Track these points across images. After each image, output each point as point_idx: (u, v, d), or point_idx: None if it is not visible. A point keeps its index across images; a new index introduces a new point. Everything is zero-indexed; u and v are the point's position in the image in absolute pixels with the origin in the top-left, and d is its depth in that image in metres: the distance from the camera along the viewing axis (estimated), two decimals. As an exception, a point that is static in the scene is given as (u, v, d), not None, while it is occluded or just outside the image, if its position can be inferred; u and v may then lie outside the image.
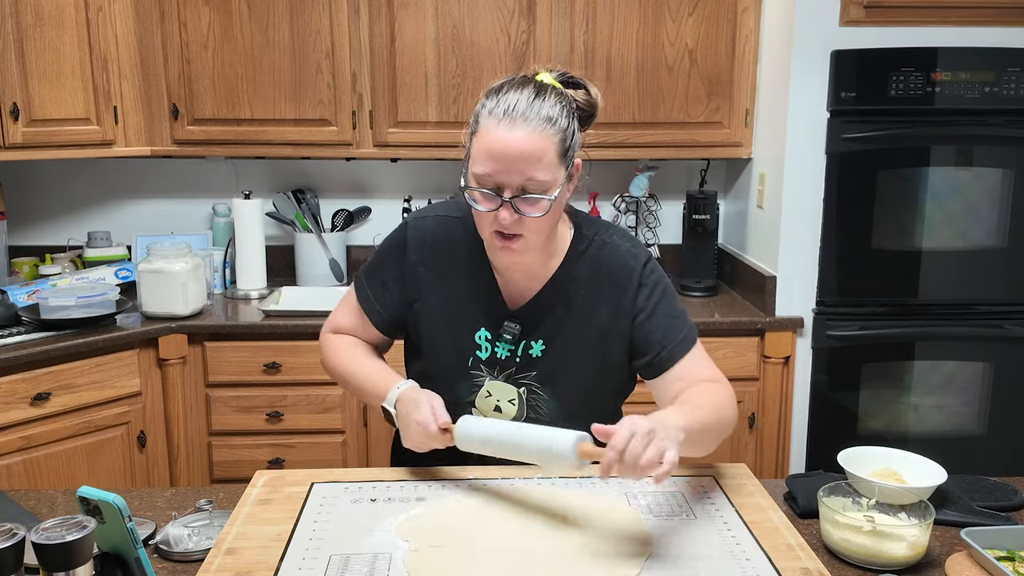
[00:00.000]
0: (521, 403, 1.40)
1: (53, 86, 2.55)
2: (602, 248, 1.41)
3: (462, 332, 1.40)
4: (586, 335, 1.39)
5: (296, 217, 3.06)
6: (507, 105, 1.25)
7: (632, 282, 1.39)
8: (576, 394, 1.40)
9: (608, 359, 1.41)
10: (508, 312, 1.40)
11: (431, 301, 1.42)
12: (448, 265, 1.41)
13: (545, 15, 2.74)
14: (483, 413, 1.41)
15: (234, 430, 2.63)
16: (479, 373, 1.41)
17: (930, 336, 2.62)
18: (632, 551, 1.16)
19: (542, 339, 1.39)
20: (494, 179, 1.25)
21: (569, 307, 1.39)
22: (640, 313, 1.39)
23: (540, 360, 1.39)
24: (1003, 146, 2.55)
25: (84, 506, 1.02)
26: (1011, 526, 1.27)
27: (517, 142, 1.23)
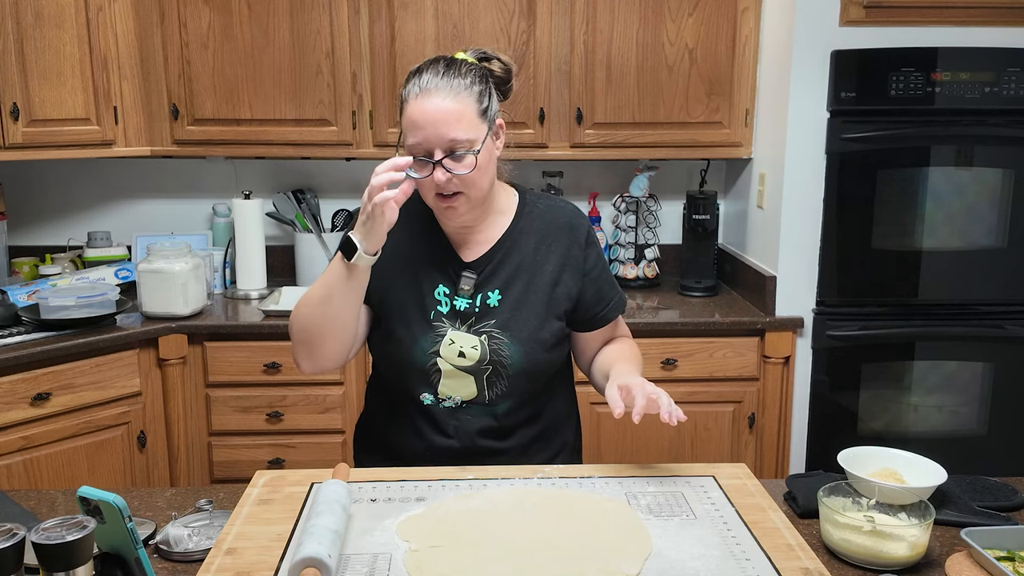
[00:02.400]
0: (483, 349, 1.46)
1: (53, 86, 2.55)
2: (549, 208, 1.56)
3: (422, 291, 1.48)
4: (538, 283, 1.50)
5: (296, 217, 3.06)
6: (423, 81, 1.39)
7: (581, 239, 1.53)
8: (532, 339, 1.48)
9: (556, 307, 1.51)
10: (464, 265, 1.50)
11: (390, 268, 1.48)
12: (405, 232, 1.48)
13: (545, 15, 2.74)
14: (448, 361, 1.46)
15: (234, 430, 2.63)
16: (441, 325, 1.47)
17: (930, 336, 2.62)
18: (632, 551, 1.16)
19: (498, 289, 1.48)
20: (423, 147, 1.37)
21: (521, 259, 1.50)
22: (591, 271, 1.53)
23: (497, 309, 1.48)
24: (1003, 146, 2.55)
25: (84, 506, 1.02)
26: (1011, 526, 1.27)
27: (435, 109, 1.36)
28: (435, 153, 1.37)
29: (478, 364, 1.46)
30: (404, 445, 1.53)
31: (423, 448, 1.50)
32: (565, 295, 1.51)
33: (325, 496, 1.22)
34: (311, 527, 1.14)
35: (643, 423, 2.56)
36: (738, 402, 2.67)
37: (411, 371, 1.47)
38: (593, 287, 1.53)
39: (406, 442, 1.52)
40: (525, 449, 1.54)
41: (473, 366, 1.46)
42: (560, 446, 1.61)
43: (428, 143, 1.36)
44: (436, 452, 1.49)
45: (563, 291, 1.51)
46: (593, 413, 2.62)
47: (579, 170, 3.13)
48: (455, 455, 1.48)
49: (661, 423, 1.41)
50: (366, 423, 1.65)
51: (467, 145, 1.37)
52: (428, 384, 1.48)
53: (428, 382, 1.47)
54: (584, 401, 2.62)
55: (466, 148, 1.37)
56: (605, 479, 1.39)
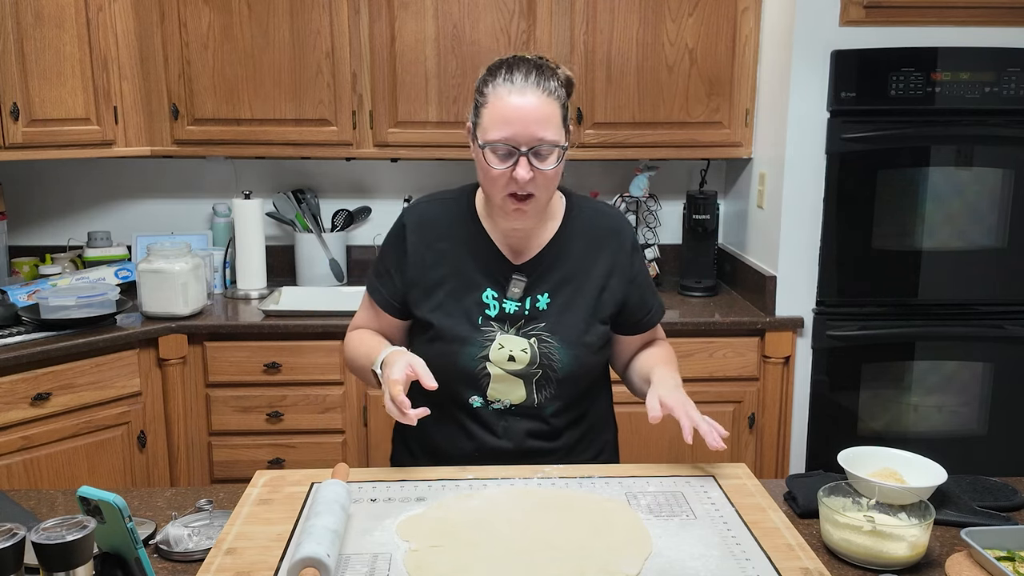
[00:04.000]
0: (533, 352, 1.46)
1: (53, 86, 2.55)
2: (596, 212, 1.57)
3: (470, 295, 1.48)
4: (587, 287, 1.51)
5: (296, 217, 3.06)
6: (514, 77, 1.38)
7: (627, 245, 1.55)
8: (580, 342, 1.49)
9: (602, 311, 1.52)
10: (514, 267, 1.50)
11: (436, 273, 1.50)
12: (448, 238, 1.51)
13: (545, 15, 2.74)
14: (498, 365, 1.46)
15: (234, 430, 2.63)
16: (490, 329, 1.47)
17: (930, 336, 2.62)
18: (632, 551, 1.16)
19: (547, 292, 1.49)
20: (509, 142, 1.37)
21: (570, 263, 1.51)
22: (636, 277, 1.56)
23: (546, 312, 1.48)
24: (1003, 146, 2.55)
25: (84, 506, 1.02)
26: (1011, 526, 1.27)
27: (530, 107, 1.36)
28: (521, 148, 1.37)
29: (528, 367, 1.46)
30: (453, 446, 1.51)
31: (473, 449, 1.49)
32: (611, 300, 1.52)
33: (325, 496, 1.22)
34: (310, 527, 1.14)
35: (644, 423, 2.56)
36: (738, 402, 2.67)
37: (460, 375, 1.47)
38: (638, 292, 1.56)
39: (455, 443, 1.51)
40: (571, 449, 1.54)
41: (523, 370, 1.46)
42: (602, 445, 1.62)
43: (516, 139, 1.36)
44: (486, 452, 1.48)
45: (609, 296, 1.52)
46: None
47: (579, 170, 3.13)
48: (505, 455, 1.47)
49: (662, 423, 1.42)
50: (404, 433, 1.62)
51: (551, 146, 1.38)
52: (477, 388, 1.47)
53: (477, 386, 1.47)
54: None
55: (550, 149, 1.38)
56: (605, 479, 1.39)
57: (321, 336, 2.59)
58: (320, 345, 2.59)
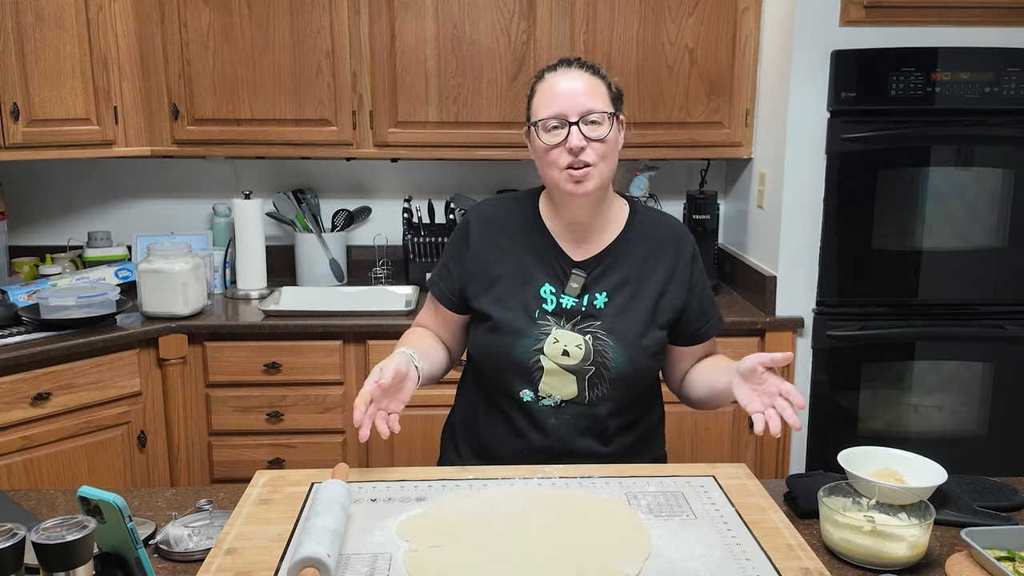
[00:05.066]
0: (587, 349, 1.47)
1: (53, 86, 2.55)
2: (659, 221, 1.58)
3: (528, 288, 1.50)
4: (645, 292, 1.51)
5: (296, 217, 3.06)
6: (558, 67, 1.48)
7: (688, 254, 1.56)
8: (636, 344, 1.48)
9: (660, 316, 1.52)
10: (573, 263, 1.51)
11: (497, 268, 1.53)
12: (511, 235, 1.54)
13: (545, 15, 2.74)
14: (552, 359, 1.47)
15: (234, 430, 2.63)
16: (546, 323, 1.48)
17: (930, 336, 2.62)
18: (632, 551, 1.16)
19: (605, 292, 1.50)
20: (558, 116, 1.42)
21: (630, 267, 1.52)
22: (696, 286, 1.56)
23: (604, 311, 1.49)
24: (1003, 146, 2.55)
25: (84, 506, 1.02)
26: (1011, 526, 1.27)
27: (576, 85, 1.44)
28: (571, 118, 1.41)
29: (581, 364, 1.47)
30: (500, 444, 1.53)
31: (521, 447, 1.50)
32: (670, 306, 1.52)
33: (325, 496, 1.22)
34: (310, 527, 1.14)
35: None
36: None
37: (513, 367, 1.48)
38: (697, 301, 1.56)
39: (503, 440, 1.53)
40: (620, 457, 1.52)
41: (576, 366, 1.47)
42: (653, 457, 1.61)
43: (565, 112, 1.41)
44: (533, 452, 1.49)
45: (668, 302, 1.52)
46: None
47: (579, 170, 3.13)
48: (551, 455, 1.48)
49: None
50: (459, 420, 1.65)
51: (602, 114, 1.42)
52: (529, 381, 1.48)
53: (530, 379, 1.48)
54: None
55: (601, 116, 1.42)
56: (605, 479, 1.39)
57: (321, 336, 2.59)
58: (320, 345, 2.59)
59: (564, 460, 1.46)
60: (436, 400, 2.66)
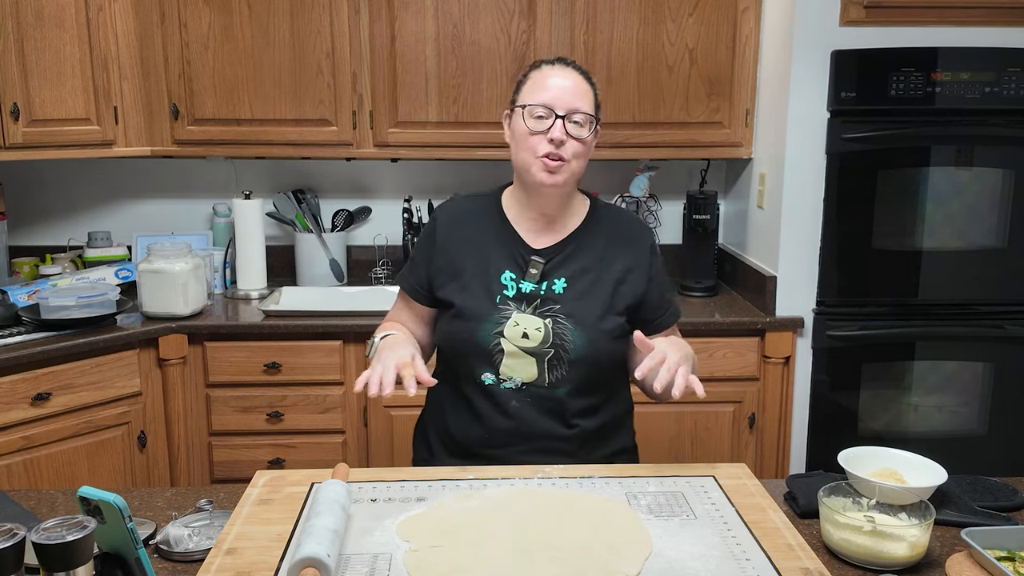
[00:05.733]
0: (547, 332, 1.52)
1: (53, 86, 2.55)
2: (619, 216, 1.68)
3: (489, 275, 1.57)
4: (605, 280, 1.57)
5: (296, 217, 3.06)
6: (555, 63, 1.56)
7: (646, 246, 1.64)
8: (595, 327, 1.54)
9: (619, 302, 1.57)
10: (533, 251, 1.58)
11: (462, 260, 1.60)
12: (474, 229, 1.62)
13: (545, 15, 2.74)
14: (512, 342, 1.52)
15: (234, 430, 2.63)
16: (507, 307, 1.54)
17: (930, 336, 2.62)
18: (632, 551, 1.16)
19: (564, 278, 1.56)
20: (547, 106, 1.50)
21: (588, 256, 1.59)
22: (656, 277, 1.63)
23: (563, 296, 1.55)
24: (1003, 146, 2.55)
25: (84, 506, 1.02)
26: (1011, 526, 1.27)
27: (570, 80, 1.53)
28: (558, 111, 1.49)
29: (541, 346, 1.52)
30: (466, 431, 1.57)
31: (483, 434, 1.55)
32: (630, 293, 1.59)
33: (325, 496, 1.23)
34: (310, 527, 1.14)
35: (644, 423, 2.56)
36: (738, 402, 2.67)
37: (475, 351, 1.54)
38: (656, 291, 1.63)
39: (468, 427, 1.57)
40: (584, 442, 1.56)
41: (536, 348, 1.52)
42: (619, 447, 1.63)
43: (554, 104, 1.50)
44: (496, 436, 1.54)
45: (628, 290, 1.59)
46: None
47: (579, 170, 3.13)
48: (515, 437, 1.52)
49: (662, 423, 1.44)
50: (427, 416, 1.71)
51: (586, 117, 1.52)
52: (491, 364, 1.53)
53: (491, 362, 1.53)
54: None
55: (585, 118, 1.52)
56: (605, 479, 1.39)
57: (321, 336, 2.59)
58: (320, 345, 2.59)
59: (528, 442, 1.51)
60: (436, 400, 2.66)
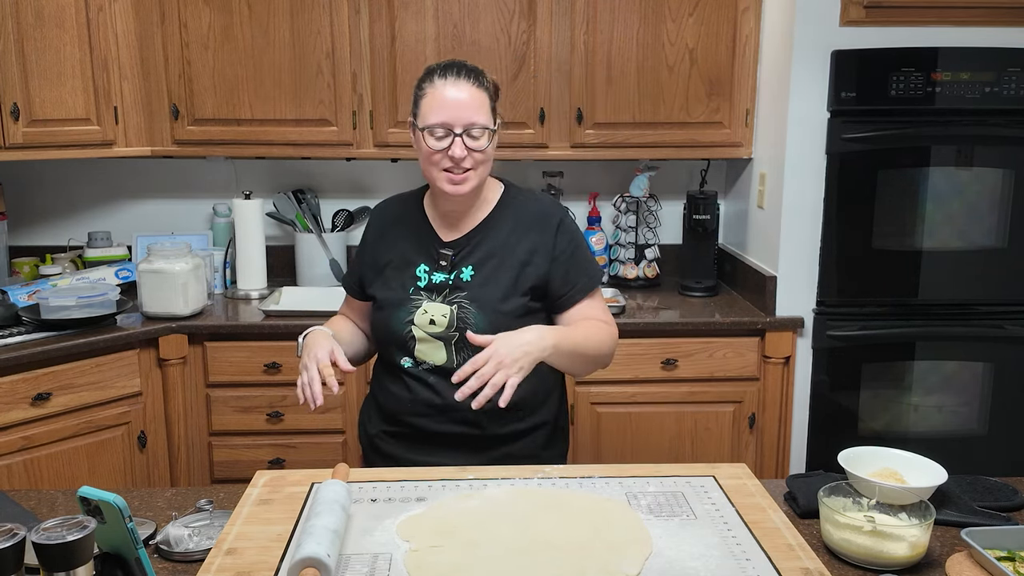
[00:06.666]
0: (452, 317, 1.61)
1: (53, 86, 2.55)
2: (527, 201, 1.72)
3: (407, 269, 1.67)
4: (508, 264, 1.64)
5: (296, 217, 3.06)
6: (447, 74, 1.59)
7: (551, 228, 1.67)
8: (496, 309, 1.61)
9: (523, 284, 1.63)
10: (443, 244, 1.67)
11: (385, 256, 1.71)
12: (397, 227, 1.74)
13: (545, 15, 2.74)
14: (421, 328, 1.62)
15: (234, 430, 2.63)
16: (419, 297, 1.64)
17: (930, 336, 2.62)
18: (632, 551, 1.16)
19: (472, 266, 1.64)
20: (446, 124, 1.57)
21: (494, 242, 1.66)
22: (560, 256, 1.66)
23: (469, 283, 1.63)
24: (1003, 146, 2.55)
25: (85, 506, 1.02)
26: (1011, 526, 1.27)
27: (463, 97, 1.58)
28: (456, 129, 1.56)
29: (447, 331, 1.60)
30: (394, 402, 1.66)
31: (409, 400, 1.63)
32: (533, 274, 1.64)
33: (325, 496, 1.23)
34: (310, 527, 1.14)
35: (643, 422, 2.57)
36: (738, 402, 2.67)
37: (391, 338, 1.65)
38: (561, 270, 1.65)
39: (396, 398, 1.66)
40: (498, 415, 1.59)
41: (442, 332, 1.61)
42: (539, 421, 1.68)
43: (451, 123, 1.56)
44: (416, 407, 1.63)
45: (532, 271, 1.64)
46: (593, 413, 2.62)
47: (579, 170, 3.13)
48: (433, 408, 1.61)
49: (662, 423, 1.44)
50: (368, 397, 1.81)
51: (484, 128, 1.58)
52: (406, 350, 1.63)
53: (406, 348, 1.63)
54: (584, 401, 2.63)
55: (481, 130, 1.58)
56: (605, 479, 1.39)
57: (321, 336, 2.59)
58: (320, 345, 2.59)
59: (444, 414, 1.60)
60: (436, 400, 2.66)
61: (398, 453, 1.68)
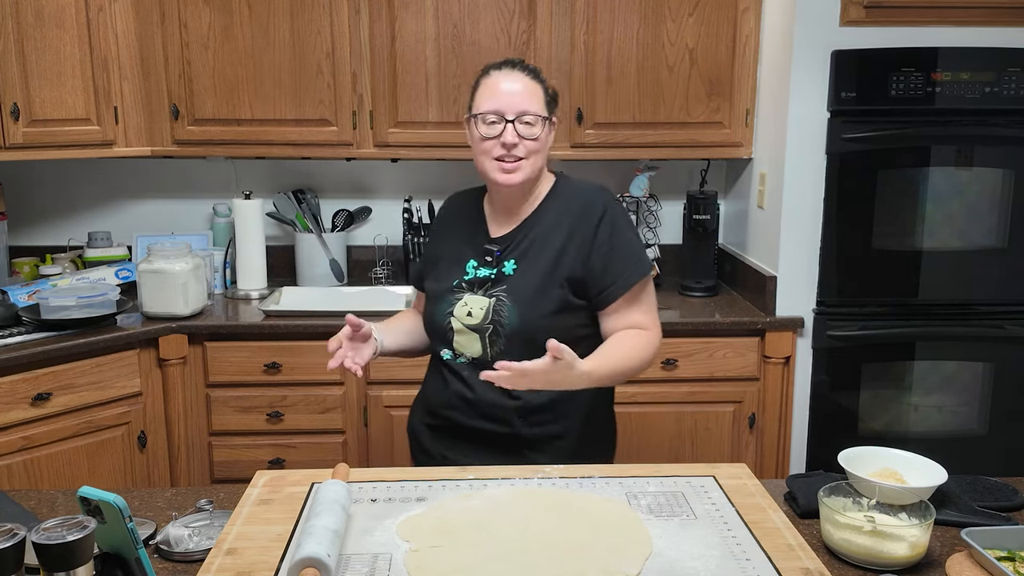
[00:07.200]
0: (488, 309, 1.61)
1: (53, 86, 2.55)
2: (576, 189, 1.70)
3: (458, 264, 1.69)
4: (547, 254, 1.62)
5: (296, 217, 3.06)
6: (503, 67, 1.63)
7: (594, 217, 1.63)
8: (530, 302, 1.59)
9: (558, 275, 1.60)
10: (490, 239, 1.69)
11: (442, 250, 1.76)
12: (457, 221, 1.77)
13: (545, 15, 2.74)
14: (459, 320, 1.64)
15: (234, 430, 2.63)
16: (461, 291, 1.66)
17: (930, 336, 2.62)
18: (632, 551, 1.16)
19: (515, 259, 1.64)
20: (497, 112, 1.59)
21: (537, 233, 1.65)
22: (600, 247, 1.61)
23: (511, 276, 1.63)
24: (1003, 146, 2.55)
25: (85, 506, 1.02)
26: (1011, 526, 1.27)
27: (517, 87, 1.60)
28: (508, 116, 1.58)
29: (482, 323, 1.61)
30: (433, 394, 1.71)
31: (447, 396, 1.66)
32: (569, 266, 1.61)
33: (325, 496, 1.23)
34: (310, 527, 1.14)
35: (644, 423, 2.56)
36: (738, 402, 2.67)
37: (434, 329, 1.69)
38: (600, 261, 1.61)
39: (435, 390, 1.70)
40: (530, 413, 1.59)
41: (478, 325, 1.61)
42: (569, 428, 1.62)
43: (503, 110, 1.58)
44: (455, 399, 1.65)
45: (568, 261, 1.61)
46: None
47: (579, 170, 3.13)
48: (467, 402, 1.63)
49: (662, 423, 1.44)
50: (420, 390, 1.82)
51: (536, 116, 1.59)
52: (446, 341, 1.66)
53: (446, 339, 1.66)
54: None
55: (535, 118, 1.59)
56: (605, 479, 1.39)
57: (321, 336, 2.58)
58: (320, 345, 2.57)
59: (476, 408, 1.62)
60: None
61: (433, 449, 1.70)
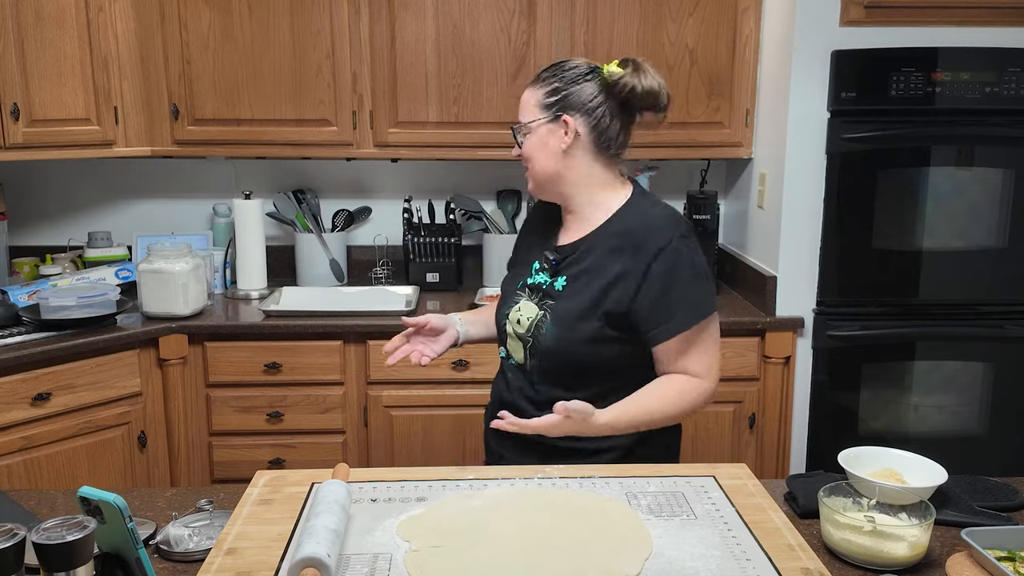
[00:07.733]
0: (532, 324, 1.61)
1: (54, 86, 2.55)
2: (644, 214, 1.59)
3: (526, 266, 1.70)
4: (597, 284, 1.55)
5: (296, 217, 3.06)
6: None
7: (651, 250, 1.52)
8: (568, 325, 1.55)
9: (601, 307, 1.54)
10: (553, 248, 1.66)
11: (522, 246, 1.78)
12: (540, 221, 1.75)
13: (545, 15, 2.74)
14: (511, 324, 1.66)
15: (234, 430, 2.63)
16: (521, 295, 1.67)
17: (930, 336, 2.62)
18: (632, 551, 1.16)
19: (566, 276, 1.60)
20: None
21: (593, 257, 1.58)
22: (652, 286, 1.52)
23: (560, 292, 1.60)
24: (1003, 146, 2.55)
25: (85, 506, 1.02)
26: (1011, 526, 1.27)
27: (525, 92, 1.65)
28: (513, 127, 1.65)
29: (526, 333, 1.62)
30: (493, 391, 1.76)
31: (497, 395, 1.72)
32: (615, 299, 1.53)
33: (325, 496, 1.23)
34: (310, 527, 1.14)
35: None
36: (738, 402, 2.67)
37: (497, 327, 1.72)
38: (646, 301, 1.52)
39: (494, 387, 1.76)
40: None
41: (523, 333, 1.62)
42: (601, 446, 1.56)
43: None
44: (498, 400, 1.70)
45: (615, 295, 1.53)
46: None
47: (579, 170, 3.13)
48: (506, 406, 1.62)
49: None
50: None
51: (521, 125, 1.63)
52: (503, 340, 1.70)
53: (503, 340, 1.70)
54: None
55: (519, 127, 1.63)
56: (605, 479, 1.39)
57: (321, 336, 2.59)
58: (320, 345, 2.59)
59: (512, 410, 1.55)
60: (436, 401, 2.67)
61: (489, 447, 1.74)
